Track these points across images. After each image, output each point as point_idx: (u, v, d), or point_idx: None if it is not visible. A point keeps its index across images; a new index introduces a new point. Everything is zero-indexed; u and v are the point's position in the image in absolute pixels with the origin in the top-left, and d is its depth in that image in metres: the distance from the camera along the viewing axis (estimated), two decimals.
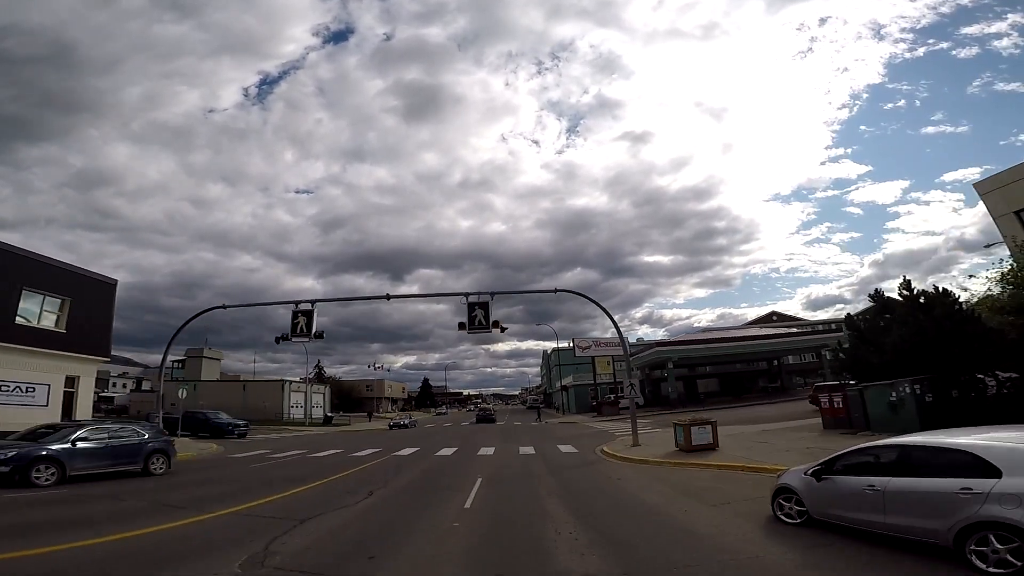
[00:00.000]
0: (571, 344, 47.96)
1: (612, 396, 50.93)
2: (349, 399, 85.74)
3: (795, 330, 60.28)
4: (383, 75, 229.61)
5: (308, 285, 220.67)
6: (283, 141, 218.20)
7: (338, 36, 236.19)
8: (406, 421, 44.40)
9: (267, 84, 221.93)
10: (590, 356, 49.14)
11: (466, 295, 19.81)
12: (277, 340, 20.14)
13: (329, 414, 59.51)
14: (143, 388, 68.52)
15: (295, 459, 18.53)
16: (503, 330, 19.41)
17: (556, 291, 20.29)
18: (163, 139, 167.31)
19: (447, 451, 19.81)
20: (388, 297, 19.87)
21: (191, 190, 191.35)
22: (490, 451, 19.52)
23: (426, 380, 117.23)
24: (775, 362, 63.95)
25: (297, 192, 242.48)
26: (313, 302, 20.55)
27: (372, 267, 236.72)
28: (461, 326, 19.12)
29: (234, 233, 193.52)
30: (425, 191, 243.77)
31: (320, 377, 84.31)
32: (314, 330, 19.70)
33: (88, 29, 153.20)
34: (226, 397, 57.12)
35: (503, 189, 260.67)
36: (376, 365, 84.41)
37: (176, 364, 74.04)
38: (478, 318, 19.12)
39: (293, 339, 20.05)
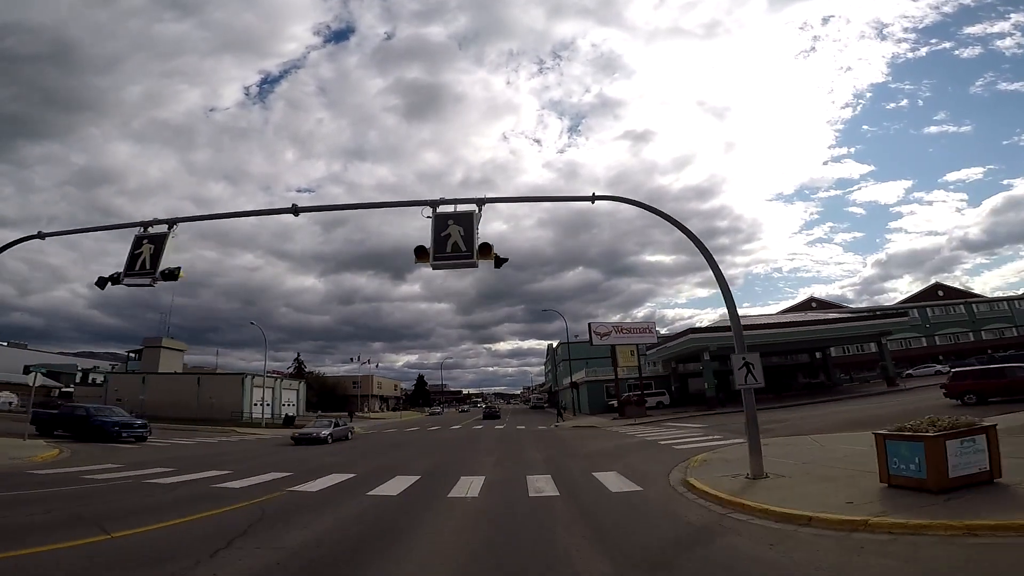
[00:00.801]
0: (587, 332, 39.03)
1: (638, 393, 42.04)
2: (333, 397, 76.90)
3: (848, 316, 51.36)
4: (384, 74, 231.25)
5: (310, 284, 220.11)
6: (284, 140, 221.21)
7: (339, 35, 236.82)
8: (324, 432, 24.34)
9: (268, 83, 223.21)
10: (608, 345, 40.12)
11: (434, 204, 10.77)
12: (99, 284, 11.21)
13: (292, 414, 50.36)
14: (91, 381, 59.68)
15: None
16: (499, 262, 10.41)
17: (593, 198, 11.23)
18: (164, 138, 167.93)
19: (389, 486, 10.76)
20: (295, 211, 10.92)
21: (192, 189, 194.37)
22: (474, 485, 10.52)
23: (421, 377, 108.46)
24: (817, 354, 55.07)
25: (299, 191, 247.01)
26: (171, 222, 11.57)
27: (373, 266, 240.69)
28: (419, 252, 10.15)
29: (236, 232, 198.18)
30: (426, 190, 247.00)
31: (300, 372, 75.44)
32: (161, 267, 10.75)
33: (89, 28, 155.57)
34: (179, 393, 48.69)
35: (504, 188, 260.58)
36: (362, 360, 75.57)
37: (131, 355, 65.33)
38: (452, 241, 10.10)
39: (127, 280, 11.10)
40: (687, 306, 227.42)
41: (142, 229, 11.61)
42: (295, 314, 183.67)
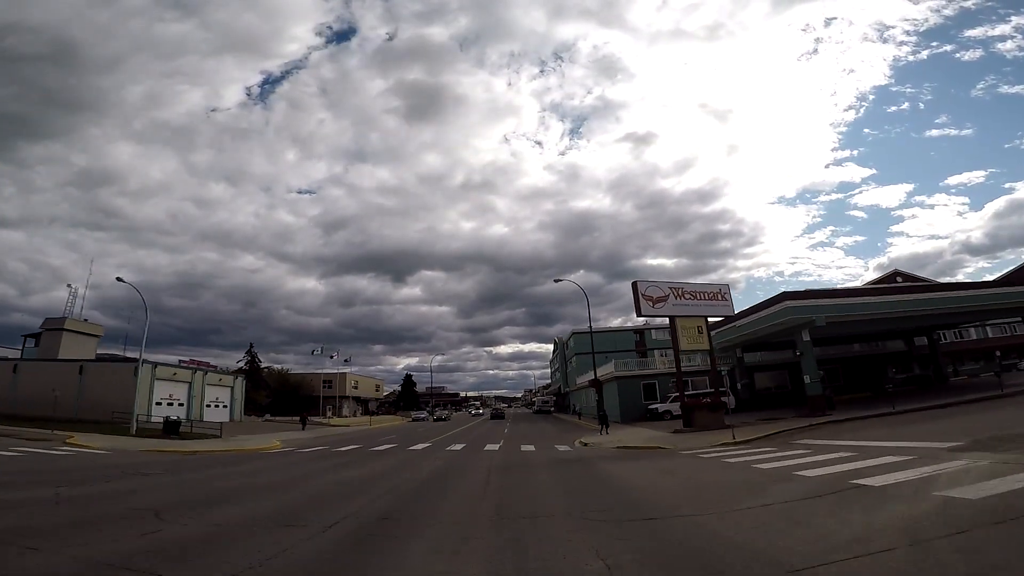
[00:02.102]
0: (634, 294, 24.86)
1: (711, 393, 28.33)
2: (295, 397, 62.87)
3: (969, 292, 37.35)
4: (385, 75, 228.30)
5: (311, 286, 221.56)
6: (285, 141, 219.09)
7: (340, 36, 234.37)
8: None
9: (269, 84, 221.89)
10: (664, 316, 26.00)
11: None
12: None
13: (178, 418, 36.14)
14: None
15: None
16: None
17: None
18: (165, 138, 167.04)
19: None
20: None
21: (194, 190, 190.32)
22: None
23: (408, 377, 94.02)
24: (916, 340, 41.17)
25: (299, 192, 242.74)
26: None
27: (374, 268, 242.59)
28: None
29: (237, 233, 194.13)
30: (427, 192, 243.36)
31: (252, 367, 61.43)
32: None
33: (90, 27, 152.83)
34: (59, 387, 34.90)
35: (505, 191, 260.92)
36: (329, 353, 61.60)
37: (30, 339, 51.26)
38: None
39: None
40: None
41: None
42: (296, 316, 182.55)
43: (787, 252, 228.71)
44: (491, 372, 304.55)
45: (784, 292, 28.15)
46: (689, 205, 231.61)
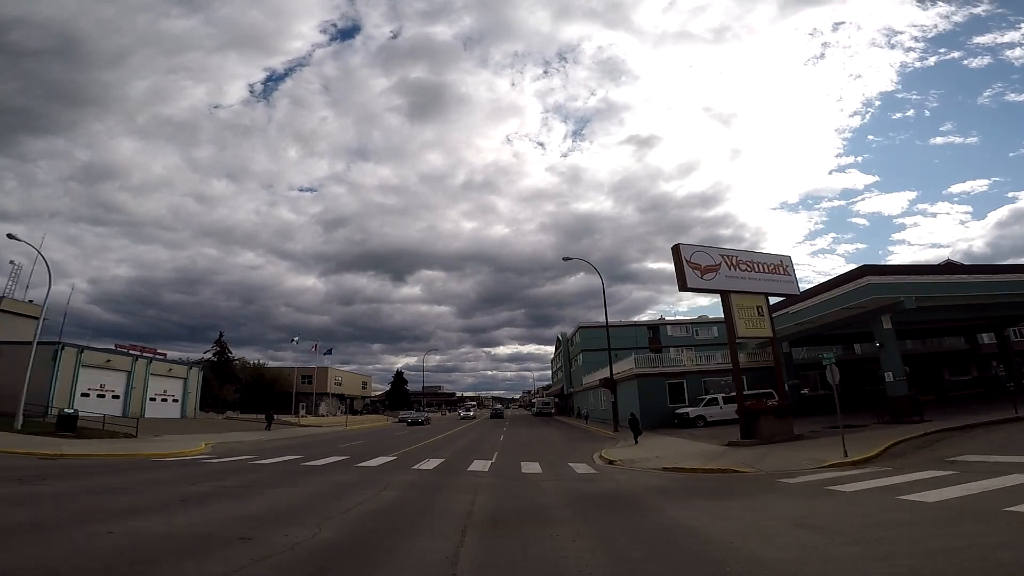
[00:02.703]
0: (675, 261, 18.70)
1: (761, 397, 22.35)
2: (271, 393, 56.66)
3: None
4: (388, 73, 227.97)
5: (310, 284, 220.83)
6: (287, 138, 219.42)
7: (344, 33, 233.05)
8: None
9: (273, 81, 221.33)
10: (714, 292, 19.75)
11: None
12: None
13: (73, 412, 29.85)
14: None
15: None
16: None
17: None
18: (168, 134, 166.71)
19: None
20: None
21: (195, 186, 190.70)
22: None
23: (399, 375, 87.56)
24: (981, 337, 35.18)
25: (301, 190, 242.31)
26: None
27: (374, 267, 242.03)
28: None
29: (237, 230, 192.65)
30: (429, 192, 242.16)
31: (221, 358, 55.14)
32: None
33: (96, 22, 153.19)
34: None
35: (507, 191, 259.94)
36: (310, 345, 55.37)
37: None
38: None
39: None
40: (688, 314, 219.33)
41: None
42: (295, 314, 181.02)
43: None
44: (489, 373, 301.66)
45: (865, 266, 22.00)
46: (691, 209, 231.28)
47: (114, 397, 33.18)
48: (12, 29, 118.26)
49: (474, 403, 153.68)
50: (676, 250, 19.56)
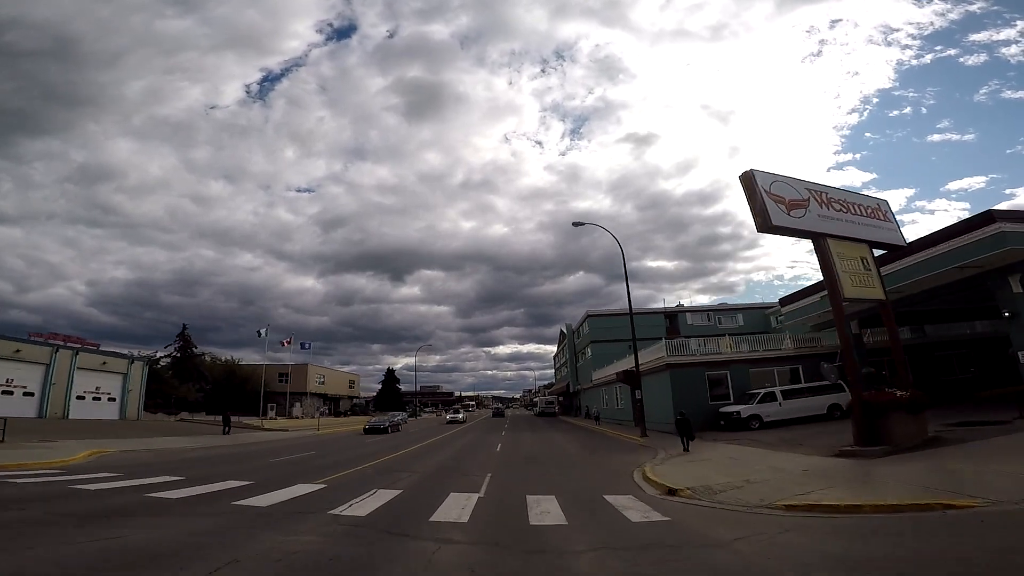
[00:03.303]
0: (747, 193, 12.83)
1: (877, 384, 16.17)
2: (242, 392, 50.60)
3: None
4: (385, 73, 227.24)
5: (309, 284, 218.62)
6: (284, 139, 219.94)
7: (341, 33, 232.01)
8: None
9: (269, 81, 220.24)
10: (805, 233, 13.65)
11: None
12: None
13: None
14: None
15: None
16: None
17: None
18: (164, 135, 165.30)
19: None
20: None
21: (192, 187, 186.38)
22: None
23: (390, 373, 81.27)
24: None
25: (298, 191, 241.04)
26: None
27: (373, 267, 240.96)
28: None
29: (235, 231, 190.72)
30: (427, 191, 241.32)
31: (184, 353, 49.01)
32: None
33: (92, 23, 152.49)
34: None
35: (505, 191, 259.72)
36: (282, 339, 49.35)
37: None
38: None
39: None
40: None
41: None
42: (294, 315, 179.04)
43: (787, 256, 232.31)
44: (489, 372, 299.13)
45: (993, 210, 15.95)
46: (690, 207, 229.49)
47: (25, 394, 27.14)
48: (8, 30, 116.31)
49: (472, 403, 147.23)
50: (748, 178, 13.54)
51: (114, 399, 32.89)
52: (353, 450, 19.98)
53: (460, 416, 48.27)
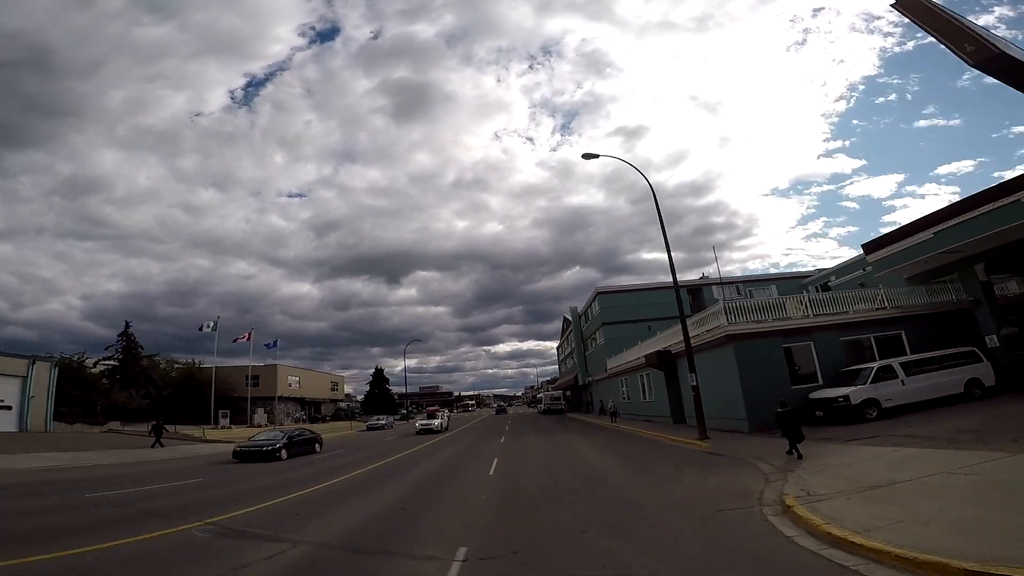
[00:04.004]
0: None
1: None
2: (199, 397, 43.63)
3: None
4: (370, 74, 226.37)
5: (305, 290, 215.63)
6: (272, 144, 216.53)
7: (324, 36, 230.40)
8: None
9: (253, 86, 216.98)
10: None
11: None
12: None
13: None
14: None
15: None
16: None
17: None
18: (150, 144, 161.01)
19: None
20: None
21: (182, 196, 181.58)
22: None
23: (379, 372, 74.07)
24: None
25: (289, 196, 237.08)
26: None
27: (368, 270, 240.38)
28: None
29: (228, 239, 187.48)
30: (419, 192, 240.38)
31: (129, 355, 41.94)
32: None
33: (67, 32, 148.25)
34: None
35: (498, 188, 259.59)
36: (235, 337, 42.67)
37: None
38: None
39: None
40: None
41: None
42: (291, 321, 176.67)
43: (782, 243, 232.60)
44: (490, 371, 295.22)
45: None
46: (683, 198, 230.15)
47: None
48: None
49: (472, 402, 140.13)
50: None
51: (9, 407, 25.96)
52: (243, 483, 12.93)
53: (436, 423, 32.61)
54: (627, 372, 30.50)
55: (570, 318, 56.05)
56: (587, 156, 20.98)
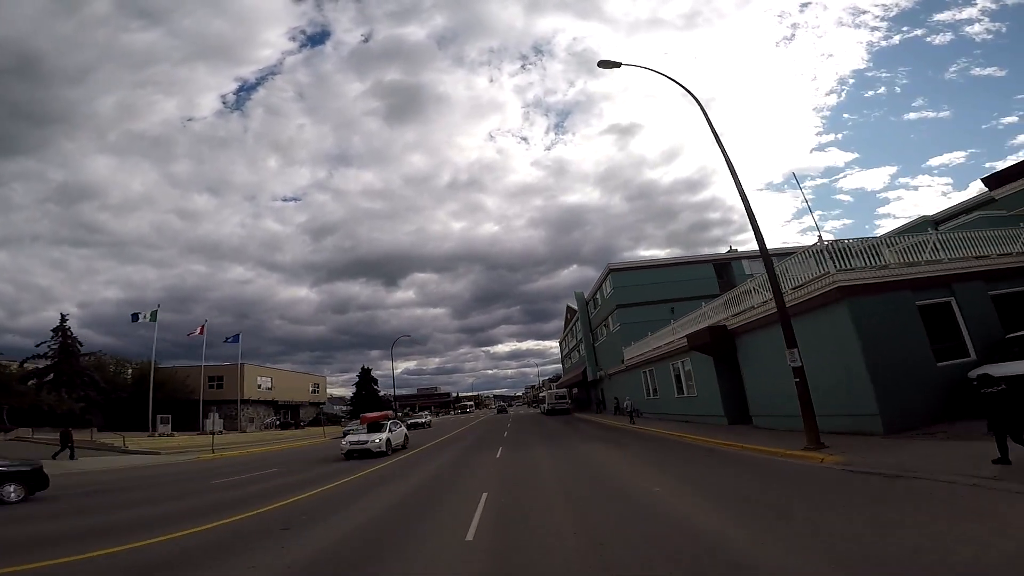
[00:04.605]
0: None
1: None
2: (151, 402, 37.60)
3: None
4: (362, 77, 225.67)
5: (303, 294, 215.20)
6: (265, 148, 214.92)
7: (314, 39, 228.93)
8: None
9: (245, 91, 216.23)
10: None
11: None
12: None
13: None
14: None
15: None
16: None
17: None
18: (142, 150, 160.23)
19: None
20: None
21: (176, 202, 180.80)
22: None
23: (365, 372, 67.75)
24: None
25: (284, 200, 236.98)
26: None
27: (365, 273, 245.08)
28: None
29: (224, 244, 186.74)
30: (414, 194, 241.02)
31: (65, 352, 35.91)
32: None
33: (53, 38, 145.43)
34: None
35: (494, 188, 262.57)
36: (188, 332, 37.14)
37: None
38: None
39: None
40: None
41: None
42: (290, 326, 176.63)
43: (778, 237, 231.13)
44: (490, 372, 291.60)
45: None
46: (678, 195, 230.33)
47: None
48: None
49: (471, 403, 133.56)
50: None
51: None
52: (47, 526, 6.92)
53: (377, 440, 18.25)
54: (654, 362, 24.69)
55: (575, 307, 50.19)
56: (604, 64, 15.19)
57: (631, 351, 29.57)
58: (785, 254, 15.89)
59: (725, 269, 34.28)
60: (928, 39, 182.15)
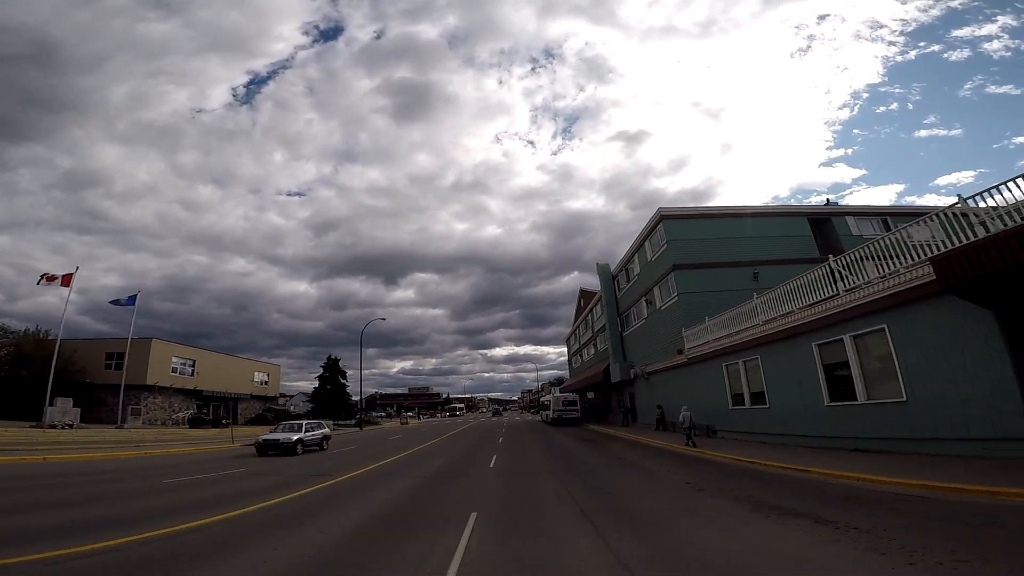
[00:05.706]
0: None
1: None
2: (42, 383, 27.02)
3: None
4: (372, 74, 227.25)
5: (302, 289, 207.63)
6: (273, 142, 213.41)
7: (327, 34, 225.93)
8: None
9: (255, 84, 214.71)
10: None
11: None
12: None
13: None
14: None
15: None
16: None
17: None
18: (150, 139, 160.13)
19: None
20: None
21: (181, 192, 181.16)
22: None
23: (332, 361, 56.81)
24: None
25: (289, 194, 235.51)
26: None
27: (366, 271, 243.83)
28: None
29: (227, 236, 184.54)
30: (418, 193, 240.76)
31: None
32: None
33: (71, 27, 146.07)
34: None
35: (498, 191, 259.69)
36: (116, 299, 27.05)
37: None
38: None
39: None
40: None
41: None
42: (288, 320, 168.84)
43: None
44: (486, 375, 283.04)
45: None
46: (684, 205, 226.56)
47: None
48: None
49: (462, 405, 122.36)
50: None
51: None
52: None
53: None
54: (762, 345, 14.11)
55: (591, 289, 39.45)
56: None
57: (699, 334, 19.01)
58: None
59: (823, 225, 23.80)
60: (945, 55, 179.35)
